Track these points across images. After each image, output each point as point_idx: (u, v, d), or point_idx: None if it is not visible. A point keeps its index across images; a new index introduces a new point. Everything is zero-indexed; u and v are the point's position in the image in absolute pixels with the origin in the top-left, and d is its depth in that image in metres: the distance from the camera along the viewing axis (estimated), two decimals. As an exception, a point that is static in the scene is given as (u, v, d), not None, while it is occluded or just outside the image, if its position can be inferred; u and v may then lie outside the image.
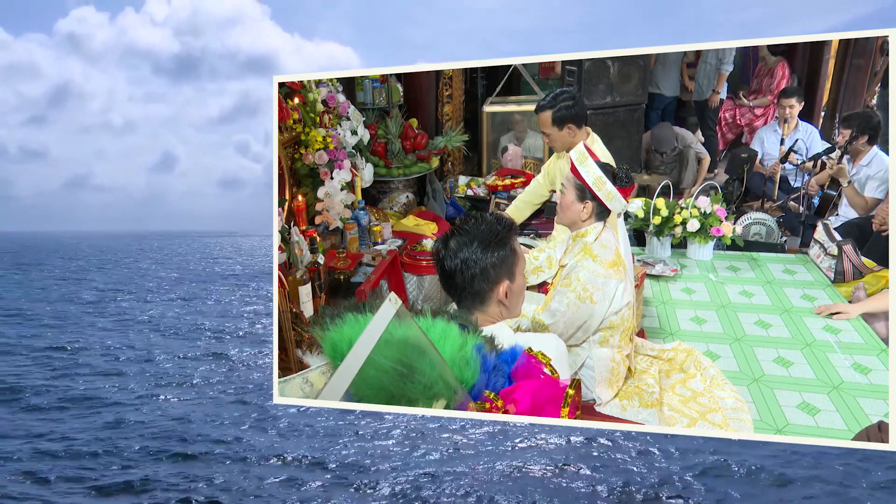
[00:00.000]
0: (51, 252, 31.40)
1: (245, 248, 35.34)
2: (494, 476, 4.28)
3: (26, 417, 5.68)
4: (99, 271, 20.85)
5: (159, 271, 20.89)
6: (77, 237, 53.69)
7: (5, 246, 37.04)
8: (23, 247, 36.79)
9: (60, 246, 37.37)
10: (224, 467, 4.50)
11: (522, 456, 4.60)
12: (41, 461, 4.59)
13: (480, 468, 4.40)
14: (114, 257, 27.85)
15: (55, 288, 15.86)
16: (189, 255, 29.25)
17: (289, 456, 4.68)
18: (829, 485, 4.06)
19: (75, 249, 33.64)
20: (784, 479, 4.15)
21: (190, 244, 39.61)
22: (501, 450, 4.74)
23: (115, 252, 31.44)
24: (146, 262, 25.33)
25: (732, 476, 4.23)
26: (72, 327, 10.30)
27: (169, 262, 24.98)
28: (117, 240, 47.17)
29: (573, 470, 4.34)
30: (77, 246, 37.31)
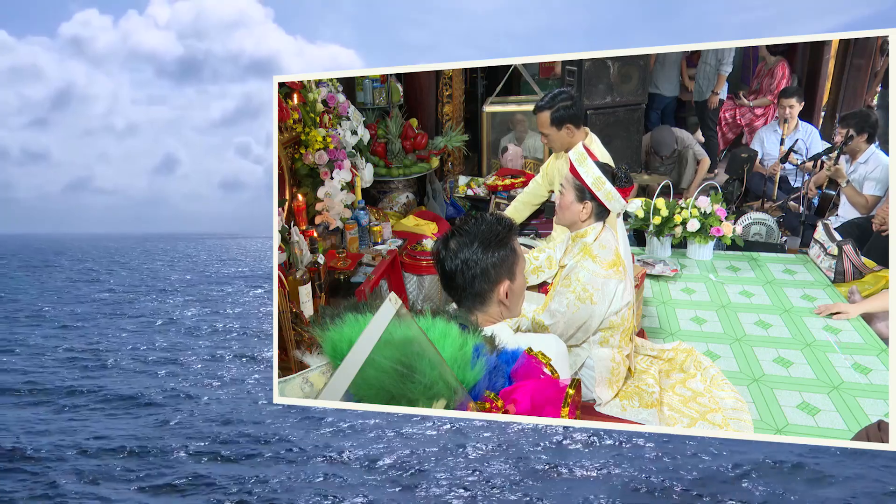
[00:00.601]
0: (56, 254, 31.45)
1: (251, 249, 35.42)
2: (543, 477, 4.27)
3: (64, 417, 5.72)
4: (110, 273, 20.91)
5: (171, 273, 20.95)
6: (79, 239, 53.79)
7: (9, 248, 37.09)
8: (26, 248, 36.84)
9: (65, 248, 37.43)
10: (271, 468, 4.52)
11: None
12: (91, 460, 4.64)
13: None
14: (121, 259, 27.90)
15: (69, 290, 15.90)
16: (197, 257, 29.32)
17: (337, 455, 4.71)
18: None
19: (81, 251, 33.69)
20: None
21: (196, 246, 39.69)
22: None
23: (122, 254, 31.51)
24: (156, 263, 25.39)
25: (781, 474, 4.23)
26: (96, 328, 10.37)
27: (179, 264, 25.05)
28: (121, 241, 47.27)
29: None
30: (83, 248, 37.38)
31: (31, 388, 6.62)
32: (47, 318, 11.32)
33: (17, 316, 11.57)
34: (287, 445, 4.90)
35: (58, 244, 42.59)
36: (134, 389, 6.52)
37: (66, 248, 37.46)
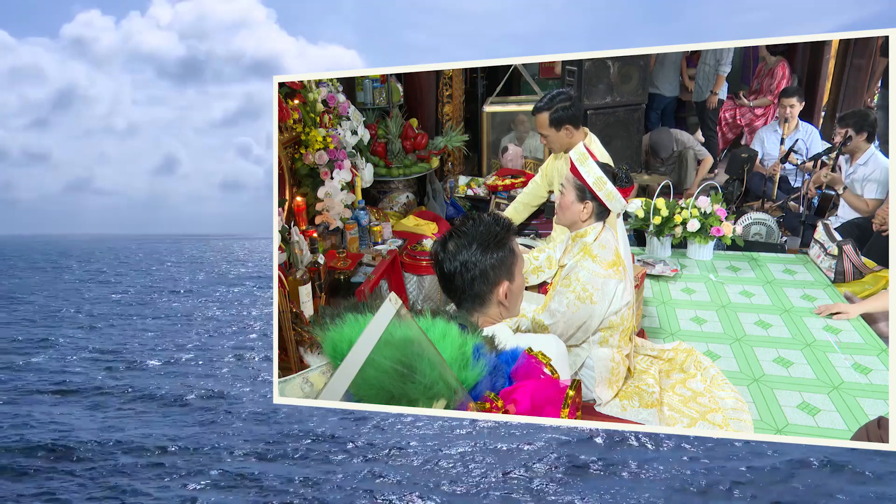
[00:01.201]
0: (62, 255, 31.44)
1: (257, 250, 35.51)
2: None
3: (111, 416, 5.75)
4: (119, 274, 20.92)
5: (183, 273, 20.99)
6: (81, 240, 53.83)
7: (12, 249, 37.10)
8: (29, 249, 36.84)
9: (70, 249, 37.43)
10: (319, 466, 4.55)
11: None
12: (136, 458, 4.68)
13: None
14: (127, 260, 27.91)
15: (82, 291, 15.91)
16: (204, 258, 29.34)
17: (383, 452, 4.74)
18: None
19: (88, 252, 33.70)
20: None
21: (201, 247, 39.74)
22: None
23: (128, 255, 31.52)
24: (165, 264, 25.41)
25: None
26: (119, 329, 10.40)
27: (188, 264, 25.07)
28: (128, 242, 47.31)
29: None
30: (88, 249, 37.38)
31: (75, 387, 6.66)
32: (70, 319, 11.37)
33: (34, 318, 11.60)
34: (331, 444, 4.94)
35: (58, 245, 42.61)
36: (170, 389, 6.56)
37: (70, 249, 37.48)
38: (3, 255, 30.40)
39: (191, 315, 11.82)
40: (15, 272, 21.48)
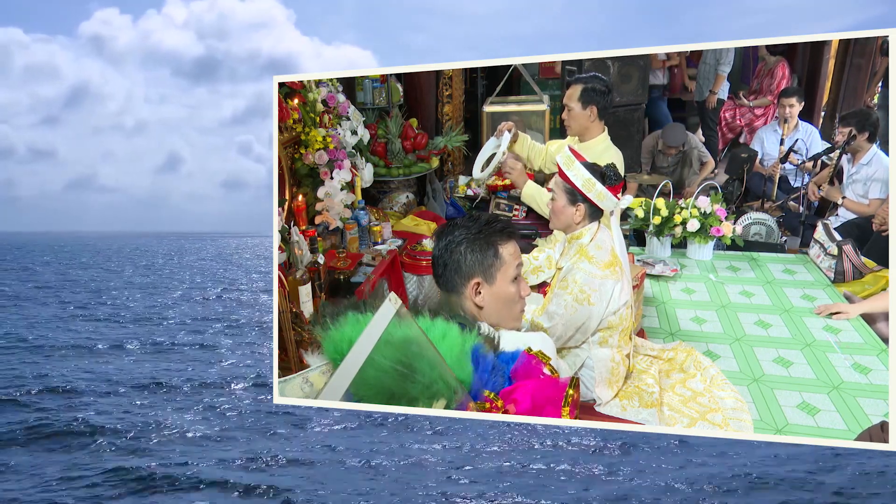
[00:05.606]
0: (64, 251, 31.43)
1: (262, 248, 35.55)
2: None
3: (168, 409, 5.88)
4: (134, 271, 20.91)
5: (195, 272, 21.02)
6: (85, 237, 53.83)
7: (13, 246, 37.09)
8: (34, 246, 36.84)
9: (77, 245, 37.39)
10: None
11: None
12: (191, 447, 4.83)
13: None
14: (136, 257, 27.93)
15: (97, 285, 15.92)
16: (213, 256, 29.35)
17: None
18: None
19: (95, 249, 33.69)
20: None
21: (207, 245, 39.78)
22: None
23: (137, 253, 31.52)
24: (175, 261, 25.42)
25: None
26: (162, 324, 10.53)
27: (198, 263, 25.09)
28: (133, 240, 47.34)
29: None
30: (95, 246, 37.38)
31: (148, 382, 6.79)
32: (97, 315, 11.40)
33: (63, 315, 11.61)
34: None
35: (60, 241, 42.58)
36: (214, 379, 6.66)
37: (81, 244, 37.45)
38: (1, 253, 30.39)
39: (215, 312, 11.88)
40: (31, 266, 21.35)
